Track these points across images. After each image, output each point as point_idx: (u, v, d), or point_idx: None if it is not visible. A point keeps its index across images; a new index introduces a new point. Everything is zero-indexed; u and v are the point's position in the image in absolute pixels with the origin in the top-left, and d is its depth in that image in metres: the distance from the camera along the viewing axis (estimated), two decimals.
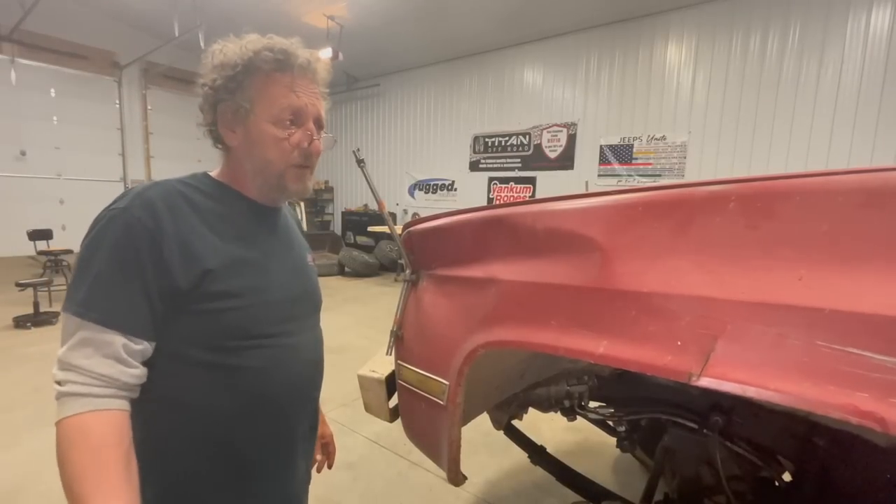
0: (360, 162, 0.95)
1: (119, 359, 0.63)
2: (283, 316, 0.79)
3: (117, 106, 8.59)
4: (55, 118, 7.99)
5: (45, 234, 5.98)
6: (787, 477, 1.11)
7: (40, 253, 5.84)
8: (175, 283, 0.66)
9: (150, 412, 0.68)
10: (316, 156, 0.79)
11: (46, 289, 4.82)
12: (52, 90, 7.92)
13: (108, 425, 0.61)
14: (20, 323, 4.34)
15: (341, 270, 7.72)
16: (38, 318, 4.43)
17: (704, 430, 1.02)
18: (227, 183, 0.78)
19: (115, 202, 0.68)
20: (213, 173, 0.80)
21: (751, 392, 0.52)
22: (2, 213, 7.46)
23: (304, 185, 0.79)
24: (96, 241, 0.65)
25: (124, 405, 0.64)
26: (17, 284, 4.44)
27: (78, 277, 0.65)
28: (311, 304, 0.89)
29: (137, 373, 0.65)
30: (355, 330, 4.45)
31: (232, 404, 0.73)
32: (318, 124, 0.78)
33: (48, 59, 7.68)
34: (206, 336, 0.70)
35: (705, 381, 0.56)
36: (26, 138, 7.68)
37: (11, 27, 6.94)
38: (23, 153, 7.68)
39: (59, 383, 0.61)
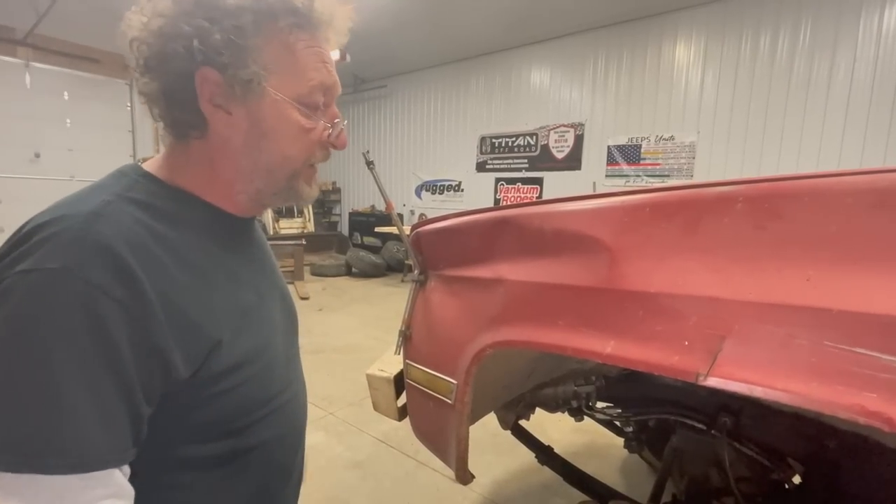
0: (369, 164, 0.96)
1: None
2: (284, 363, 0.62)
3: (128, 108, 8.73)
4: (68, 121, 8.14)
5: None
6: (796, 479, 1.10)
7: None
8: (172, 375, 0.45)
9: None
10: (341, 149, 0.59)
11: None
12: (66, 93, 8.06)
13: None
14: None
15: (348, 271, 7.76)
16: None
17: (713, 431, 1.02)
18: (187, 188, 0.53)
19: (24, 253, 0.40)
20: (156, 170, 0.54)
21: (758, 392, 0.53)
22: (17, 215, 7.55)
23: (316, 186, 0.60)
24: (19, 332, 0.38)
25: None
26: None
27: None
28: (295, 330, 0.71)
29: None
30: (362, 330, 4.47)
31: (245, 492, 0.56)
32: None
33: (61, 62, 7.84)
34: (209, 426, 0.50)
35: (713, 381, 0.56)
36: (40, 140, 7.83)
37: (26, 32, 7.08)
38: (37, 155, 7.84)
39: None
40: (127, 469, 0.44)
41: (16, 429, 0.38)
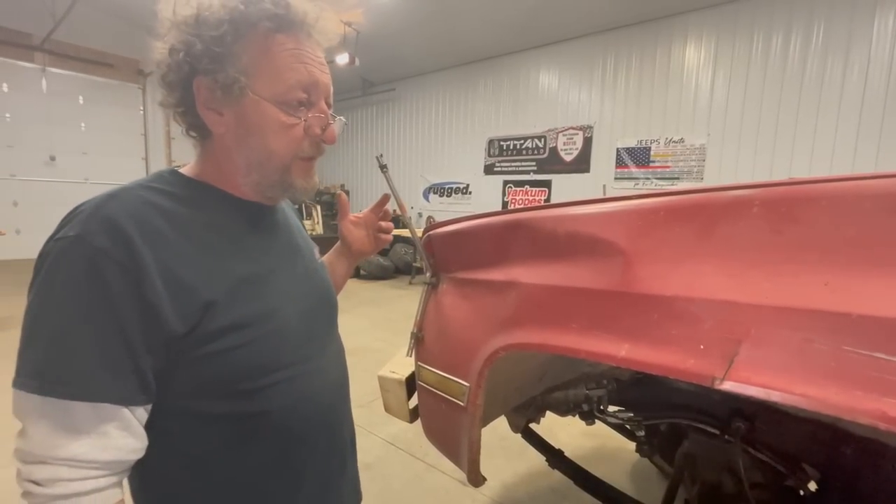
0: (383, 167, 0.97)
1: (116, 437, 0.49)
2: (302, 337, 0.65)
3: (141, 112, 8.87)
4: (83, 124, 8.29)
5: None
6: (812, 486, 1.09)
7: None
8: (167, 329, 0.51)
9: (161, 484, 0.57)
10: (330, 143, 0.63)
11: None
12: (81, 97, 8.22)
13: None
14: None
15: (356, 273, 7.79)
16: None
17: (726, 436, 1.01)
18: (207, 180, 0.62)
19: (62, 226, 0.51)
20: (186, 170, 0.63)
21: (775, 396, 0.52)
22: (33, 217, 7.75)
23: (313, 179, 0.65)
24: (46, 286, 0.49)
25: (120, 491, 0.52)
26: None
27: (29, 340, 0.48)
28: (329, 313, 0.75)
29: (140, 445, 0.52)
30: (371, 332, 4.48)
31: (263, 457, 0.61)
32: (328, 103, 0.63)
33: (77, 67, 7.99)
34: (216, 384, 0.56)
35: (728, 385, 0.56)
36: (56, 144, 7.98)
37: (43, 38, 7.23)
38: (52, 158, 7.99)
39: (37, 483, 0.47)
40: (141, 414, 0.52)
41: (41, 361, 0.48)
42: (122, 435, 0.50)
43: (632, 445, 1.56)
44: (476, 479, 1.08)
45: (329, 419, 0.70)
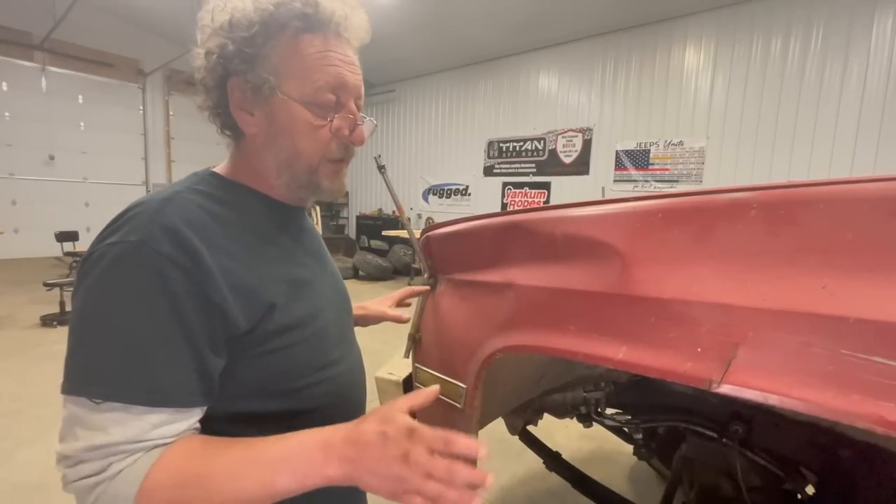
0: (381, 168, 0.96)
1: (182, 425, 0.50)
2: (337, 337, 0.67)
3: (141, 112, 8.86)
4: (82, 124, 8.28)
5: (72, 236, 6.17)
6: (810, 490, 1.08)
7: (67, 254, 6.03)
8: (231, 326, 0.52)
9: None
10: (359, 145, 0.65)
11: (72, 289, 4.96)
12: (80, 97, 8.21)
13: (188, 441, 0.49)
14: (47, 321, 4.47)
15: (355, 274, 7.79)
16: (63, 317, 4.56)
17: (724, 440, 1.01)
18: (243, 181, 0.62)
19: (116, 230, 0.50)
20: (221, 170, 0.64)
21: (773, 400, 0.52)
22: (32, 216, 7.75)
23: (341, 181, 0.65)
24: (107, 289, 0.48)
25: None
26: (45, 284, 4.59)
27: (88, 344, 0.47)
28: (350, 315, 0.78)
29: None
30: (369, 333, 4.44)
31: None
32: (358, 104, 0.63)
33: (76, 66, 7.99)
34: (270, 382, 0.57)
35: (726, 388, 0.55)
36: (55, 143, 7.97)
37: (42, 37, 7.23)
38: (51, 157, 7.98)
39: (97, 473, 0.44)
40: (197, 413, 0.51)
41: (104, 366, 0.46)
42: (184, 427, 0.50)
43: (630, 448, 1.56)
44: None
45: (359, 416, 0.71)
